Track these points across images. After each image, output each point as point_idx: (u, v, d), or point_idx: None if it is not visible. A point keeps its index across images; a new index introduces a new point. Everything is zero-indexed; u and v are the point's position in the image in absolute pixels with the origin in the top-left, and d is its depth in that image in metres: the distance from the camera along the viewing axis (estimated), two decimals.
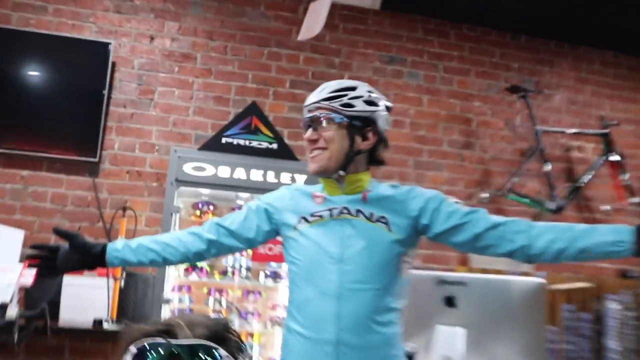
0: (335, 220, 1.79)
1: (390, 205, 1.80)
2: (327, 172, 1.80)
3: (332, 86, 1.83)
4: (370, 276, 1.72)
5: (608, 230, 1.57)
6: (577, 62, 4.91)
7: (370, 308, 1.71)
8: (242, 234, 1.89)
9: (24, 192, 3.79)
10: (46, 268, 1.85)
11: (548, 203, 4.27)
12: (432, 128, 4.48)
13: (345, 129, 1.78)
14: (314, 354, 1.69)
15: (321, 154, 1.79)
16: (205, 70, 4.18)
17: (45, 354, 3.55)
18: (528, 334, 2.10)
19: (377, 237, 1.76)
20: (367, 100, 1.80)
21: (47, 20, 4.02)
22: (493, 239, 1.72)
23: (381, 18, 4.55)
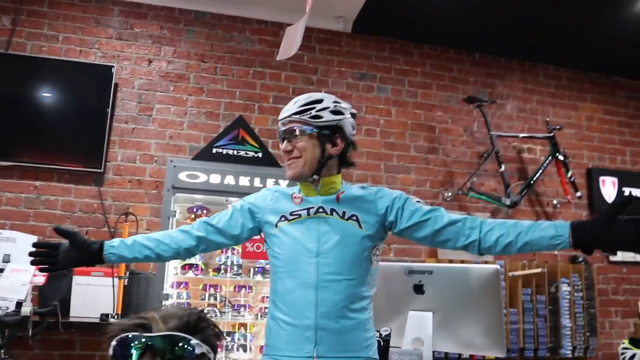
0: (312, 218, 1.76)
1: (361, 204, 1.78)
2: (302, 178, 1.78)
3: (301, 100, 1.80)
4: (344, 268, 1.71)
5: (548, 226, 1.58)
6: (524, 75, 4.93)
7: (345, 296, 1.69)
8: (228, 231, 1.84)
9: (37, 200, 3.72)
10: (48, 264, 1.77)
11: (504, 199, 4.26)
12: (400, 136, 4.45)
13: (315, 138, 1.76)
14: (295, 338, 1.67)
15: (296, 162, 1.76)
16: (198, 88, 4.12)
17: (57, 348, 3.49)
18: (488, 315, 2.07)
19: (349, 233, 1.74)
20: (333, 110, 1.77)
21: (58, 47, 3.96)
22: (450, 234, 1.72)
23: (352, 40, 4.52)
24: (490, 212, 4.46)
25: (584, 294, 4.31)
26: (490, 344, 2.11)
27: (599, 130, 5.02)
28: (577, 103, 5.02)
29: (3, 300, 3.04)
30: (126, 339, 0.88)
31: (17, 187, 3.71)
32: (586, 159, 4.90)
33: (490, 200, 4.32)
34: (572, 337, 4.20)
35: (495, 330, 2.08)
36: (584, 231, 1.49)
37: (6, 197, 3.68)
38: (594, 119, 5.03)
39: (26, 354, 3.34)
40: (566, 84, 5.02)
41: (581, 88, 5.06)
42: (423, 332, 2.11)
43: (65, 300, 3.29)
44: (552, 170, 4.59)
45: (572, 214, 4.69)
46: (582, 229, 1.50)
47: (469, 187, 4.26)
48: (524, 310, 4.11)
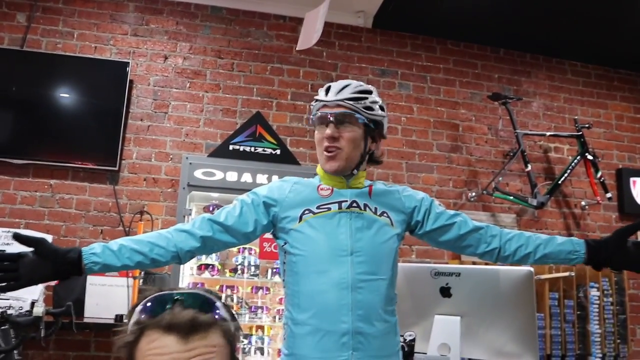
0: (343, 212, 1.63)
1: (390, 201, 1.72)
2: (344, 171, 1.65)
3: (353, 87, 1.66)
4: (379, 267, 1.62)
5: (566, 241, 1.67)
6: (551, 72, 4.79)
7: (380, 298, 1.60)
8: (239, 229, 1.64)
9: (52, 199, 3.69)
10: (8, 280, 1.39)
11: (530, 200, 4.13)
12: (422, 134, 4.35)
13: (363, 130, 1.65)
14: (328, 345, 1.53)
15: (339, 153, 1.62)
16: (214, 85, 4.06)
17: (72, 348, 3.46)
18: (519, 320, 1.96)
19: (383, 231, 1.65)
20: (381, 105, 1.71)
21: (73, 44, 3.94)
22: (473, 240, 1.73)
23: (373, 35, 4.43)
24: (516, 212, 4.34)
25: (614, 299, 4.16)
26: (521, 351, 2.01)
27: (630, 129, 4.86)
28: (607, 101, 4.87)
29: (16, 300, 3.02)
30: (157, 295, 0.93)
31: (32, 185, 3.68)
32: (616, 159, 4.75)
33: (516, 201, 4.20)
34: (602, 344, 4.05)
35: (528, 336, 1.98)
36: (598, 250, 1.62)
37: (21, 196, 3.65)
38: (624, 118, 4.88)
39: (41, 354, 3.32)
40: (595, 81, 4.87)
41: (610, 86, 4.91)
42: (450, 337, 2.02)
43: (80, 300, 3.27)
44: (580, 170, 4.45)
45: (602, 215, 4.55)
46: (596, 248, 1.63)
47: (494, 187, 4.15)
48: (551, 315, 3.97)
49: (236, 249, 3.70)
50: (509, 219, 4.31)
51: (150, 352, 0.87)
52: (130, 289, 3.30)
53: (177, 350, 0.86)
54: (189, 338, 0.87)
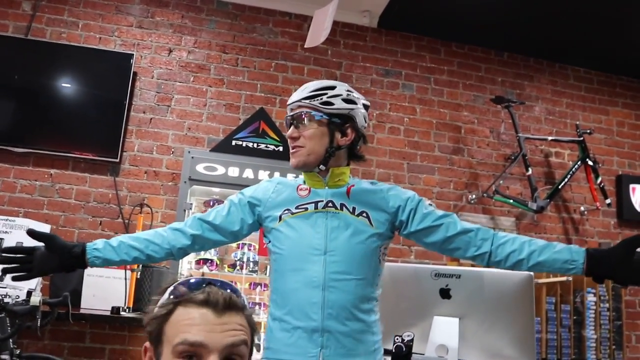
0: (320, 212, 1.67)
1: (371, 200, 1.69)
2: (306, 167, 1.69)
3: (313, 86, 1.70)
4: (353, 267, 1.62)
5: (564, 249, 1.58)
6: (554, 77, 4.78)
7: (353, 297, 1.60)
8: (226, 228, 1.72)
9: (52, 189, 3.67)
10: (22, 271, 1.57)
11: (530, 204, 4.12)
12: (424, 135, 4.33)
13: (325, 126, 1.67)
14: (300, 341, 1.58)
15: (300, 150, 1.67)
16: (218, 80, 4.04)
17: (67, 339, 3.43)
18: (518, 324, 1.95)
19: (359, 230, 1.65)
20: (345, 98, 1.68)
21: (77, 34, 3.91)
22: (461, 243, 1.67)
23: (378, 35, 4.41)
24: (515, 216, 4.33)
25: (610, 305, 4.16)
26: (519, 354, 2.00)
27: (630, 136, 4.86)
28: (608, 107, 4.86)
29: (13, 289, 3.01)
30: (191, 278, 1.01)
31: (32, 174, 3.66)
32: (616, 166, 4.74)
33: (516, 205, 4.19)
34: (597, 350, 4.05)
35: (526, 340, 1.97)
36: (599, 261, 1.51)
37: (21, 185, 3.64)
38: (625, 125, 4.87)
39: (36, 344, 3.30)
40: (597, 87, 4.87)
41: (612, 92, 4.91)
42: (448, 339, 2.01)
43: (76, 291, 3.25)
44: (581, 175, 4.44)
45: (600, 221, 4.55)
46: (597, 259, 1.52)
47: (495, 190, 4.14)
48: (548, 320, 3.97)
49: (235, 244, 3.68)
50: (508, 223, 4.31)
51: (186, 322, 0.94)
52: (127, 282, 3.28)
53: (212, 321, 0.94)
54: (223, 313, 0.95)
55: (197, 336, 0.92)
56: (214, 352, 0.91)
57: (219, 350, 0.92)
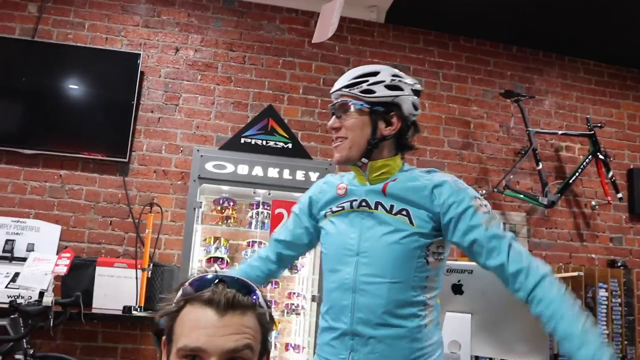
0: (355, 212, 1.59)
1: (412, 197, 1.54)
2: (349, 161, 1.60)
3: (354, 72, 1.60)
4: (386, 270, 1.51)
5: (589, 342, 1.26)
6: (563, 70, 4.75)
7: (386, 302, 1.49)
8: (296, 242, 1.75)
9: (61, 189, 3.70)
10: None
11: (541, 198, 4.11)
12: (433, 130, 4.32)
13: (366, 115, 1.56)
14: (333, 342, 1.55)
15: (342, 143, 1.58)
16: (226, 78, 4.05)
17: (79, 339, 3.47)
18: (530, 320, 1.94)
19: (396, 230, 1.52)
20: (389, 85, 1.56)
21: (84, 35, 3.93)
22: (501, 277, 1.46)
23: (386, 30, 4.40)
24: (526, 211, 4.32)
25: (622, 300, 4.14)
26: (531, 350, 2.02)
27: None
28: (619, 100, 4.82)
29: (25, 290, 3.04)
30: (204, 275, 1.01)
31: (41, 175, 3.69)
32: (627, 159, 4.71)
33: (527, 199, 4.18)
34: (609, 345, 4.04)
35: (538, 336, 1.99)
36: None
37: (31, 186, 3.67)
38: (637, 118, 4.83)
39: (49, 343, 3.33)
40: (607, 80, 4.82)
41: (623, 85, 4.86)
42: (461, 335, 2.02)
43: (88, 291, 3.27)
44: (592, 169, 4.41)
45: (612, 216, 4.52)
46: None
47: (505, 185, 4.13)
48: None
49: (245, 242, 3.70)
50: (518, 218, 4.30)
51: (189, 323, 0.95)
52: (138, 281, 3.30)
53: (213, 323, 0.94)
54: (225, 314, 0.95)
55: (197, 341, 0.93)
56: (214, 356, 0.92)
57: (218, 354, 0.92)
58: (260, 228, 3.63)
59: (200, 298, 0.96)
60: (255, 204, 3.70)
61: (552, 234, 4.36)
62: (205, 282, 0.99)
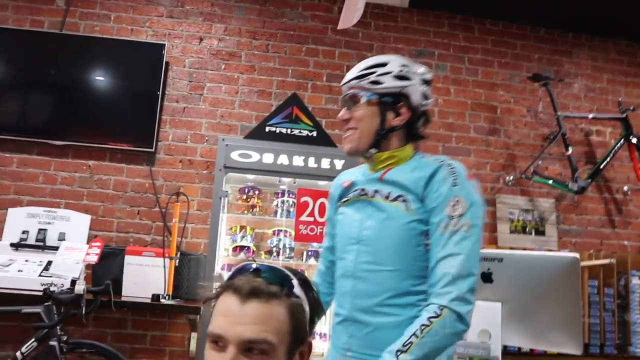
0: (359, 201, 1.62)
1: (410, 184, 1.53)
2: (359, 152, 1.61)
3: (364, 64, 1.62)
4: (384, 257, 1.51)
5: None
6: (593, 52, 4.60)
7: (383, 289, 1.49)
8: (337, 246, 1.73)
9: (90, 180, 3.75)
10: None
11: (571, 184, 4.01)
12: (459, 116, 4.24)
13: (375, 105, 1.57)
14: (338, 327, 1.60)
15: (352, 134, 1.60)
16: (250, 66, 4.04)
17: (110, 326, 3.52)
18: (563, 309, 1.90)
19: (395, 218, 1.51)
20: (397, 75, 1.57)
21: (110, 27, 3.96)
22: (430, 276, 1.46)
23: (410, 15, 4.32)
24: (555, 197, 4.22)
25: None
26: (565, 340, 1.95)
27: None
28: None
29: (58, 278, 3.09)
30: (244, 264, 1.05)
31: (71, 166, 3.74)
32: None
33: (556, 185, 4.08)
34: None
35: (572, 325, 1.92)
36: None
37: (61, 177, 3.72)
38: None
39: (80, 330, 3.39)
40: None
41: None
42: (491, 324, 1.97)
43: (117, 279, 3.31)
44: (624, 154, 4.28)
45: None
46: None
47: (533, 171, 4.04)
48: (590, 304, 3.87)
49: (271, 230, 3.70)
50: (547, 204, 4.21)
51: (217, 310, 0.99)
52: (166, 270, 3.33)
53: (234, 311, 0.95)
54: (247, 301, 0.96)
55: (218, 328, 0.95)
56: (232, 344, 0.94)
57: (235, 343, 0.93)
58: (285, 217, 3.63)
59: (231, 286, 0.98)
60: (281, 192, 3.70)
61: (582, 221, 4.26)
62: (241, 271, 1.02)
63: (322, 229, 3.22)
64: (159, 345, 3.54)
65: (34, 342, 2.82)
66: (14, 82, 3.81)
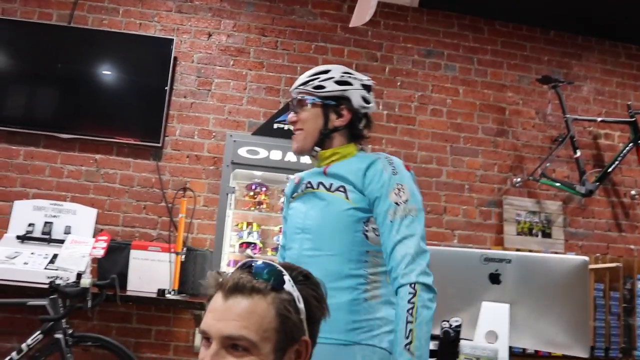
0: (305, 195, 1.75)
1: (349, 175, 1.67)
2: (305, 150, 1.77)
3: (310, 72, 1.78)
4: (324, 243, 1.64)
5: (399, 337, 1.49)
6: (603, 55, 4.58)
7: (323, 273, 1.48)
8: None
9: (97, 173, 3.75)
10: None
11: (579, 187, 4.00)
12: (467, 116, 4.23)
13: (319, 108, 1.72)
14: None
15: (299, 135, 1.75)
16: (258, 63, 4.04)
17: (115, 320, 3.53)
18: (571, 311, 1.89)
19: (334, 206, 1.66)
20: (338, 80, 1.72)
21: (118, 21, 3.96)
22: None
23: (419, 15, 4.32)
24: (562, 200, 4.21)
25: None
26: (572, 342, 1.94)
27: None
28: None
29: (64, 271, 3.10)
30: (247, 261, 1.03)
31: (77, 159, 3.75)
32: None
33: (563, 188, 4.07)
34: None
35: (579, 327, 1.91)
36: None
37: (67, 170, 3.73)
38: None
39: (85, 324, 3.39)
40: None
41: None
42: (498, 325, 1.96)
43: (122, 273, 3.32)
44: (632, 158, 4.25)
45: None
46: None
47: (541, 173, 4.03)
48: (596, 307, 3.87)
49: (277, 227, 3.70)
50: (554, 207, 4.20)
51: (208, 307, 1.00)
52: (172, 264, 3.33)
53: (218, 307, 0.96)
54: (229, 297, 0.96)
55: (204, 325, 0.97)
56: (215, 340, 0.94)
57: (217, 338, 0.94)
58: None
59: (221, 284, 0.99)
60: None
61: (589, 224, 4.25)
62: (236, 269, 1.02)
63: None
64: (164, 340, 3.54)
65: (39, 335, 2.82)
66: (21, 74, 3.81)
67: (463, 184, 4.12)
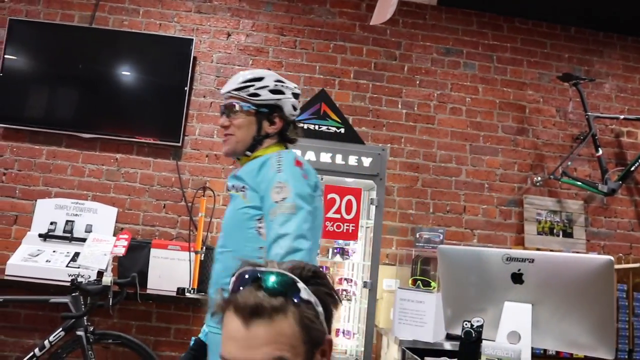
0: (230, 195, 1.85)
1: (247, 176, 1.76)
2: (235, 154, 1.84)
3: (242, 77, 1.82)
4: (228, 240, 1.75)
5: None
6: (625, 52, 4.49)
7: (225, 268, 1.70)
8: None
9: (117, 173, 3.79)
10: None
11: (601, 186, 3.92)
12: (487, 115, 4.18)
13: (253, 115, 1.79)
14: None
15: (231, 139, 1.81)
16: (277, 62, 4.04)
17: (135, 318, 3.56)
18: (596, 312, 1.84)
19: (234, 205, 1.77)
20: (272, 89, 1.79)
21: (138, 21, 3.99)
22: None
23: (438, 13, 4.28)
24: (584, 199, 4.14)
25: None
26: (597, 343, 1.90)
27: None
28: None
29: (85, 269, 3.13)
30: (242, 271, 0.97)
31: (98, 159, 3.79)
32: None
33: (585, 187, 4.00)
34: None
35: (604, 329, 1.86)
36: None
37: (89, 169, 3.76)
38: None
39: (106, 321, 3.43)
40: None
41: None
42: (520, 325, 1.93)
43: (143, 272, 3.34)
44: None
45: None
46: None
47: (562, 172, 3.96)
48: (619, 308, 3.79)
49: None
50: (575, 206, 4.13)
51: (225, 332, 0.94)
52: (192, 263, 3.35)
53: (241, 335, 0.90)
54: (250, 323, 0.90)
55: (229, 354, 0.92)
56: None
57: None
58: None
59: (232, 303, 0.93)
60: None
61: (612, 224, 4.18)
62: (241, 282, 0.96)
63: (349, 225, 3.22)
64: (183, 339, 3.56)
65: (61, 332, 2.86)
66: (44, 75, 3.86)
67: (483, 183, 4.07)
